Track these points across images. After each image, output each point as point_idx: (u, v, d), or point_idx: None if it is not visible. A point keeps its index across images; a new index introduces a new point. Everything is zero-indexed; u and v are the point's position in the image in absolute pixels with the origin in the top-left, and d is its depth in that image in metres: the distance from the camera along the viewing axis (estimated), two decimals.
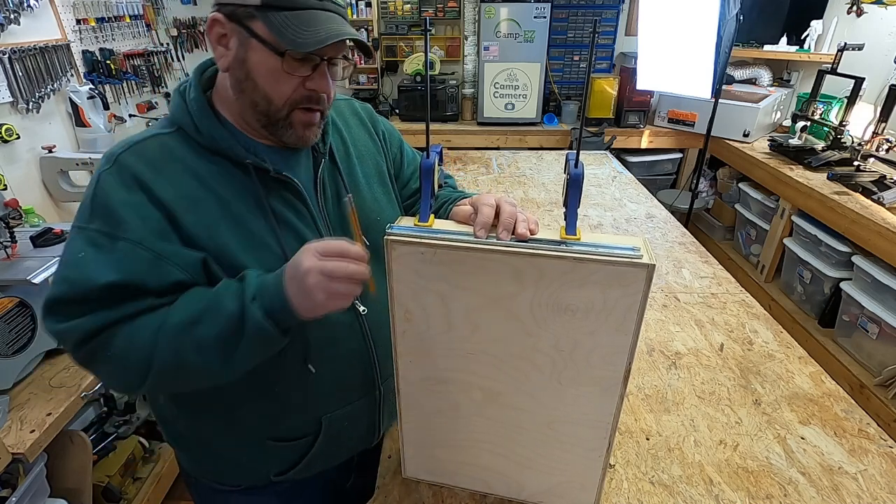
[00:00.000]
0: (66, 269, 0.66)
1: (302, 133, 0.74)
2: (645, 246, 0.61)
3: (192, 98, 0.73)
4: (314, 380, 0.81)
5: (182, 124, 0.73)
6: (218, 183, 0.72)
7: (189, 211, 0.69)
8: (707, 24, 2.60)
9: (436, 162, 0.68)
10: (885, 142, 2.36)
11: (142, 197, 0.67)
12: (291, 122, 0.73)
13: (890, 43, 2.63)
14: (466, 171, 2.48)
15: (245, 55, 0.69)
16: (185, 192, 0.69)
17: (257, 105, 0.71)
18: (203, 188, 0.71)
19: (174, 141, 0.72)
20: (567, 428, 0.74)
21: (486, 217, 0.65)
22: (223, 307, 0.65)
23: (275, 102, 0.71)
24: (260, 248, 0.73)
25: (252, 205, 0.73)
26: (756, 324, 1.34)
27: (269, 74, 0.69)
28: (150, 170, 0.69)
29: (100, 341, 0.66)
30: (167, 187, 0.68)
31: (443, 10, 3.52)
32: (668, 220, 1.94)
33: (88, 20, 2.42)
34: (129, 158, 0.69)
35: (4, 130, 1.89)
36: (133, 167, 0.68)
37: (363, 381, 0.87)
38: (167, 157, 0.70)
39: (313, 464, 0.88)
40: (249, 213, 0.73)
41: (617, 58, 3.70)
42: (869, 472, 0.92)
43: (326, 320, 0.78)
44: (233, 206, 0.72)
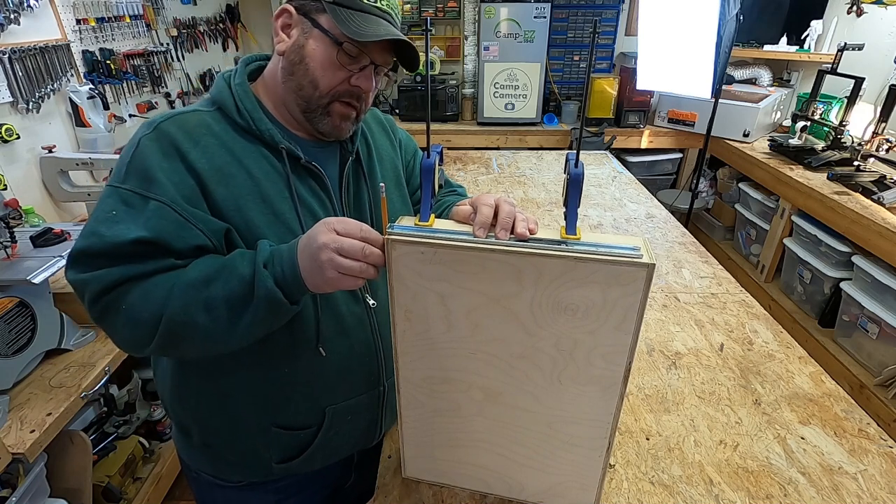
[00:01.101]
0: (97, 225, 0.68)
1: (337, 123, 0.79)
2: (645, 246, 0.61)
3: (238, 83, 0.79)
4: (322, 368, 0.82)
5: (223, 104, 0.78)
6: (250, 162, 0.76)
7: (220, 183, 0.72)
8: (707, 24, 2.60)
9: (436, 162, 0.68)
10: (885, 142, 2.36)
11: (177, 164, 0.71)
12: (329, 112, 0.78)
13: (890, 43, 2.63)
14: (466, 171, 2.48)
15: (304, 42, 0.75)
16: (218, 166, 0.73)
17: (302, 89, 0.76)
18: (236, 164, 0.74)
19: (213, 118, 0.77)
20: (567, 427, 0.74)
21: (485, 217, 0.65)
22: (236, 270, 0.67)
23: (320, 89, 0.76)
24: (282, 229, 0.76)
25: (280, 187, 0.77)
26: (756, 324, 1.34)
27: (322, 61, 0.75)
28: (188, 140, 0.72)
29: (117, 293, 0.67)
30: (202, 158, 0.72)
31: (443, 10, 3.52)
32: (668, 220, 1.95)
33: (88, 20, 2.41)
34: (169, 127, 0.73)
35: (4, 130, 1.88)
36: (172, 135, 0.72)
37: (368, 375, 0.89)
38: (205, 131, 0.74)
39: (314, 457, 0.89)
40: (277, 195, 0.76)
41: (617, 58, 3.70)
42: (869, 472, 0.92)
43: (338, 310, 0.82)
44: (262, 186, 0.75)
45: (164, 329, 0.67)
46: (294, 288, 0.67)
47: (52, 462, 1.37)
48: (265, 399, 0.83)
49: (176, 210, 0.69)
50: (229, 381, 0.81)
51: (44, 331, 1.40)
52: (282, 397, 0.83)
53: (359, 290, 0.84)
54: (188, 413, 0.87)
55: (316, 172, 0.81)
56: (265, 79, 0.82)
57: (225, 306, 0.67)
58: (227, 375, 0.81)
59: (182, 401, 0.86)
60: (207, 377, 0.82)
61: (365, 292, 0.85)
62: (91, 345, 1.53)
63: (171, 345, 0.69)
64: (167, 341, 0.68)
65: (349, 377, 0.86)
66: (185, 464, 0.98)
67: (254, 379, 0.81)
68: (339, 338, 0.83)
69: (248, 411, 0.83)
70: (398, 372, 0.77)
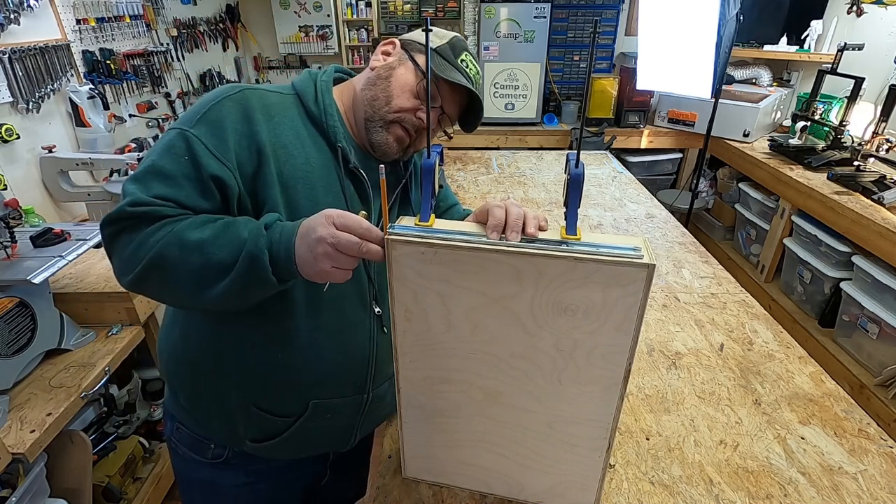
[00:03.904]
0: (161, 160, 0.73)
1: (390, 140, 0.85)
2: (645, 246, 0.61)
3: (324, 80, 0.87)
4: (315, 362, 0.84)
5: (303, 93, 0.84)
6: (311, 149, 0.81)
7: (279, 159, 0.77)
8: (707, 24, 2.60)
9: (436, 162, 0.68)
10: (886, 142, 2.36)
11: (248, 130, 0.76)
12: (388, 128, 0.84)
13: (890, 43, 2.63)
14: (466, 171, 2.48)
15: (397, 65, 0.85)
16: (283, 143, 0.78)
17: (376, 100, 0.83)
18: (298, 146, 0.80)
19: (290, 101, 0.83)
20: (567, 427, 0.74)
21: (498, 219, 0.65)
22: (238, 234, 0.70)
23: (391, 105, 0.83)
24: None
25: (331, 180, 0.82)
26: (756, 324, 1.34)
27: (403, 84, 0.83)
28: (265, 113, 0.78)
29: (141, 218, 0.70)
30: (271, 133, 0.77)
31: (443, 10, 3.52)
32: (668, 220, 1.95)
33: (88, 20, 2.41)
34: (252, 96, 0.79)
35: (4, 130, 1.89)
36: (252, 105, 0.77)
37: (357, 379, 0.89)
38: (280, 110, 0.80)
39: (287, 444, 0.90)
40: (325, 186, 0.81)
41: (617, 58, 3.70)
42: (869, 472, 0.92)
43: (343, 310, 0.84)
44: (314, 172, 0.80)
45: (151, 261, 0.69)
46: (284, 268, 0.69)
47: (52, 462, 1.37)
48: (253, 379, 0.85)
49: (227, 184, 0.73)
50: (227, 355, 0.84)
51: (44, 331, 1.40)
52: (270, 381, 0.85)
53: (368, 296, 0.86)
54: (181, 376, 0.90)
55: (360, 178, 0.85)
56: (347, 86, 0.90)
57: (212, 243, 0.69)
58: (226, 349, 0.83)
59: (178, 363, 0.89)
60: (207, 347, 0.85)
61: (372, 299, 0.87)
62: (91, 345, 1.53)
63: (149, 277, 0.70)
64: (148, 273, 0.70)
65: (339, 377, 0.87)
66: (168, 427, 1.00)
67: (248, 357, 0.83)
68: (337, 336, 0.85)
69: (235, 388, 0.85)
70: (398, 372, 0.77)
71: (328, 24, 3.51)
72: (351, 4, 3.42)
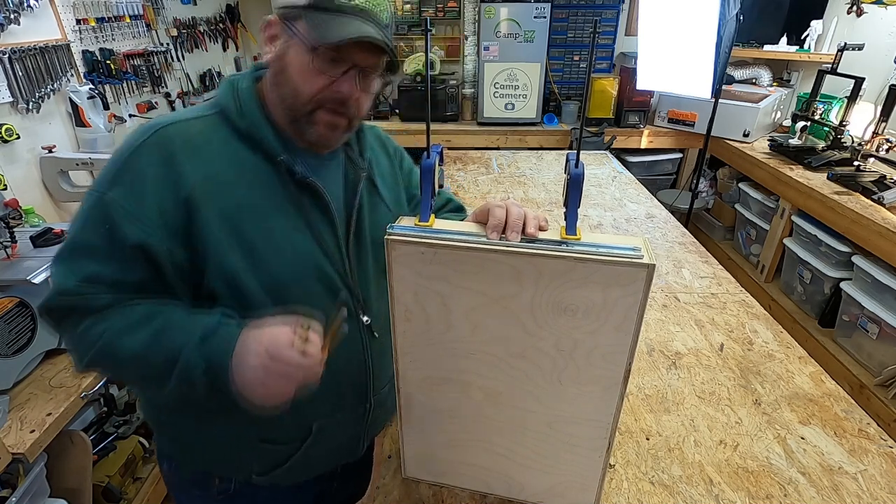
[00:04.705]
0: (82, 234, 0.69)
1: (324, 132, 0.76)
2: (645, 246, 0.61)
3: (244, 87, 0.77)
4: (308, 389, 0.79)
5: (226, 107, 0.76)
6: (250, 172, 0.74)
7: (214, 196, 0.70)
8: (707, 24, 2.60)
9: (436, 162, 0.68)
10: (886, 142, 2.36)
11: (173, 175, 0.69)
12: (314, 120, 0.74)
13: (890, 43, 2.63)
14: (466, 171, 2.48)
15: (285, 51, 0.73)
16: (217, 176, 0.71)
17: (286, 99, 0.74)
18: (234, 175, 0.73)
19: (214, 124, 0.75)
20: (567, 427, 0.74)
21: (498, 220, 0.65)
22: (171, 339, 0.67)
23: (301, 97, 0.72)
24: (278, 245, 0.74)
25: (280, 200, 0.75)
26: (756, 324, 1.34)
27: (300, 69, 0.71)
28: (187, 149, 0.71)
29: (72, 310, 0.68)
30: (199, 169, 0.70)
31: (443, 10, 3.52)
32: (668, 220, 1.94)
33: (88, 20, 2.41)
34: (171, 133, 0.71)
35: (4, 130, 1.88)
36: (171, 144, 0.70)
37: (357, 391, 0.87)
38: (206, 138, 0.73)
39: (294, 469, 0.87)
40: (275, 208, 0.74)
41: (617, 58, 3.70)
42: (869, 472, 0.92)
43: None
44: (260, 198, 0.73)
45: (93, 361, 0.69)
46: (223, 385, 0.67)
47: (52, 462, 1.37)
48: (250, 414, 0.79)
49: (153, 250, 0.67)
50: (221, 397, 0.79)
51: (44, 331, 1.40)
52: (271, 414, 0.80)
53: (352, 306, 0.82)
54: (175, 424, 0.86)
55: (314, 188, 0.77)
56: (265, 87, 0.79)
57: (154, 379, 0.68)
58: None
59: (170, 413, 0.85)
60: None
61: (358, 308, 0.83)
62: None
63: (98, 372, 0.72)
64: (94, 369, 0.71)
65: (338, 393, 0.85)
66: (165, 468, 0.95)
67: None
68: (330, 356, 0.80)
69: (237, 427, 0.81)
70: (398, 372, 0.77)
71: None
72: None
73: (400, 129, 3.43)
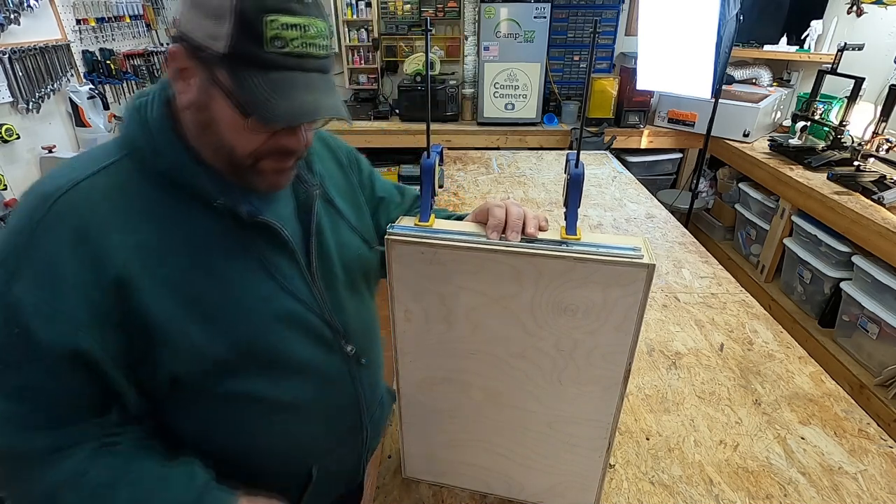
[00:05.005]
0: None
1: (273, 180, 0.65)
2: (645, 246, 0.61)
3: (155, 118, 0.61)
4: (306, 428, 0.77)
5: (136, 146, 0.61)
6: (186, 225, 0.61)
7: (151, 266, 0.58)
8: (707, 24, 2.60)
9: (436, 162, 0.68)
10: (886, 142, 2.36)
11: (91, 254, 0.55)
12: (259, 170, 0.63)
13: (890, 43, 2.63)
14: (466, 171, 2.48)
15: (208, 101, 0.58)
16: (148, 243, 0.58)
17: (220, 151, 0.61)
18: (168, 231, 0.60)
19: (127, 172, 0.60)
20: (567, 427, 0.74)
21: (498, 220, 0.65)
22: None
23: (238, 153, 0.61)
24: (238, 301, 0.64)
25: (227, 249, 0.64)
26: (756, 324, 1.34)
27: (232, 128, 0.58)
28: (103, 218, 0.57)
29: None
30: (125, 237, 0.57)
31: (443, 10, 3.52)
32: (668, 220, 1.94)
33: (88, 20, 2.41)
34: (75, 199, 0.56)
35: (4, 130, 1.89)
36: (79, 213, 0.56)
37: (352, 423, 0.84)
38: (122, 197, 0.59)
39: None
40: (225, 260, 0.63)
41: (617, 58, 3.70)
42: (869, 473, 0.92)
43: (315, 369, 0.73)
44: (204, 254, 0.62)
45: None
46: None
47: None
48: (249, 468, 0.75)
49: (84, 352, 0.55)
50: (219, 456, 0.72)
51: None
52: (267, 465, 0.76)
53: (333, 339, 0.75)
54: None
55: (267, 225, 0.66)
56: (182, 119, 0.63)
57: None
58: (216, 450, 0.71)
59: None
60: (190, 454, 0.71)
61: (340, 340, 0.76)
62: None
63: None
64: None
65: (335, 433, 0.81)
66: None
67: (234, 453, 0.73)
68: (321, 398, 0.76)
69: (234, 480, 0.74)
70: (398, 372, 0.77)
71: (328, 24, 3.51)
72: (351, 4, 3.41)
73: (400, 129, 3.43)
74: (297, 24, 0.54)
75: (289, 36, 0.54)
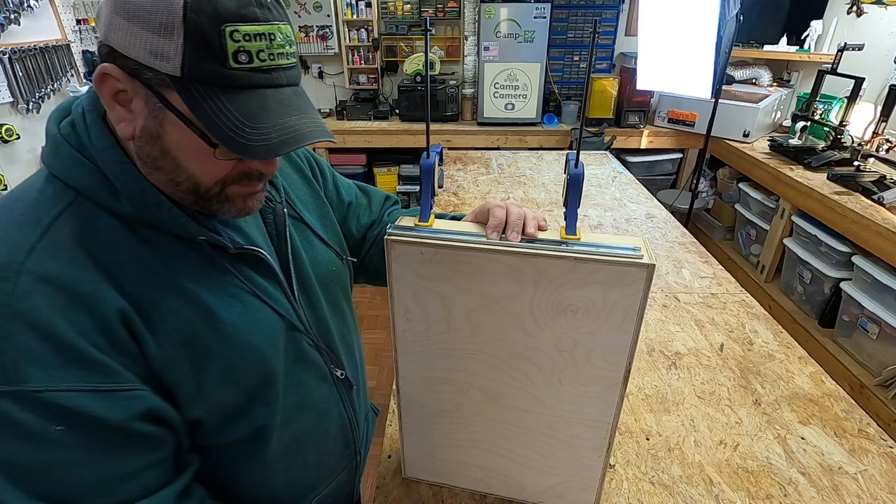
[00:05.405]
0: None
1: (243, 205, 0.58)
2: (645, 246, 0.61)
3: (101, 149, 0.51)
4: (301, 463, 0.75)
5: (86, 188, 0.51)
6: (169, 268, 0.55)
7: (152, 321, 0.53)
8: (707, 24, 2.60)
9: (436, 162, 0.69)
10: (886, 142, 2.36)
11: (94, 318, 0.49)
12: (228, 196, 0.56)
13: (890, 43, 2.63)
14: (466, 171, 2.48)
15: (159, 129, 0.49)
16: (138, 296, 0.52)
17: (180, 185, 0.54)
18: (156, 283, 0.54)
19: (83, 219, 0.51)
20: (567, 428, 0.74)
21: (498, 220, 0.65)
22: None
23: (203, 184, 0.54)
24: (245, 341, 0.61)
25: (220, 286, 0.59)
26: (756, 324, 1.34)
27: (196, 156, 0.51)
28: (85, 275, 0.49)
29: None
30: (114, 296, 0.50)
31: (443, 10, 3.52)
32: (668, 220, 1.94)
33: (88, 20, 2.42)
34: (43, 266, 0.47)
35: (4, 130, 1.89)
36: (57, 278, 0.48)
37: (345, 450, 0.83)
38: (95, 250, 0.51)
39: None
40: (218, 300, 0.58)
41: (617, 58, 3.70)
42: (869, 473, 0.92)
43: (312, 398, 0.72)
44: (197, 294, 0.56)
45: None
46: None
47: None
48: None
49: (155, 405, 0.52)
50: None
51: None
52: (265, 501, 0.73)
53: (324, 364, 0.73)
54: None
55: (255, 256, 0.62)
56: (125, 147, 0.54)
57: None
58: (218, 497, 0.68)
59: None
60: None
61: (332, 364, 0.74)
62: None
63: None
64: None
65: (328, 462, 0.80)
66: None
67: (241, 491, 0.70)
68: (316, 427, 0.75)
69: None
70: (398, 372, 0.77)
71: (328, 24, 3.50)
72: (351, 4, 3.41)
73: (400, 129, 3.43)
74: (262, 33, 0.47)
75: (254, 48, 0.47)
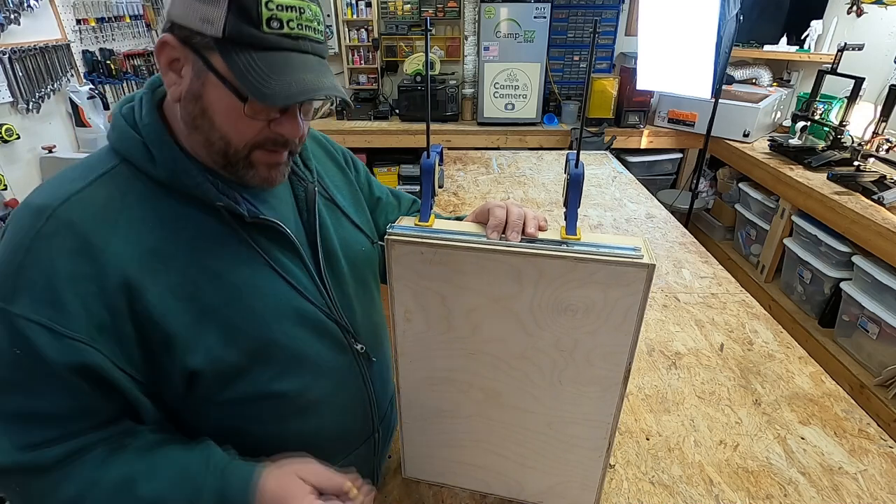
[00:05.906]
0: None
1: (266, 174, 0.64)
2: (645, 246, 0.61)
3: (147, 123, 0.60)
4: (318, 432, 0.75)
5: (130, 155, 0.60)
6: (188, 230, 0.61)
7: (158, 273, 0.58)
8: (707, 24, 2.60)
9: (436, 162, 0.69)
10: (886, 142, 2.36)
11: (94, 270, 0.54)
12: (252, 162, 0.62)
13: (890, 43, 2.63)
14: (466, 171, 2.48)
15: (201, 89, 0.57)
16: (151, 248, 0.58)
17: (213, 144, 0.60)
18: (171, 239, 0.59)
19: (122, 180, 0.59)
20: (567, 428, 0.74)
21: (498, 220, 0.65)
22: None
23: (234, 144, 0.60)
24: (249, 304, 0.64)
25: (232, 251, 0.63)
26: (756, 324, 1.34)
27: (228, 115, 0.58)
28: (103, 226, 0.56)
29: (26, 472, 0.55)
30: (127, 248, 0.56)
31: (443, 10, 3.52)
32: (668, 220, 1.94)
33: (88, 20, 2.42)
34: (70, 213, 0.55)
35: (4, 130, 1.89)
36: (78, 228, 0.55)
37: (363, 426, 0.82)
38: (121, 208, 0.58)
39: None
40: (232, 262, 0.63)
41: (617, 58, 3.70)
42: (869, 473, 0.92)
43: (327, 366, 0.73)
44: (209, 258, 0.61)
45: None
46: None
47: None
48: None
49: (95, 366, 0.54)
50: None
51: None
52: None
53: (344, 338, 0.74)
54: None
55: (271, 226, 0.66)
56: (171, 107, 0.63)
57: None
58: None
59: None
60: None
61: (350, 339, 0.75)
62: None
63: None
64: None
65: (345, 435, 0.80)
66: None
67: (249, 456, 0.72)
68: (332, 397, 0.75)
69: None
70: (398, 372, 0.77)
71: (328, 24, 3.51)
72: (351, 4, 3.41)
73: (400, 129, 3.43)
74: (293, 6, 0.55)
75: (285, 17, 0.54)
